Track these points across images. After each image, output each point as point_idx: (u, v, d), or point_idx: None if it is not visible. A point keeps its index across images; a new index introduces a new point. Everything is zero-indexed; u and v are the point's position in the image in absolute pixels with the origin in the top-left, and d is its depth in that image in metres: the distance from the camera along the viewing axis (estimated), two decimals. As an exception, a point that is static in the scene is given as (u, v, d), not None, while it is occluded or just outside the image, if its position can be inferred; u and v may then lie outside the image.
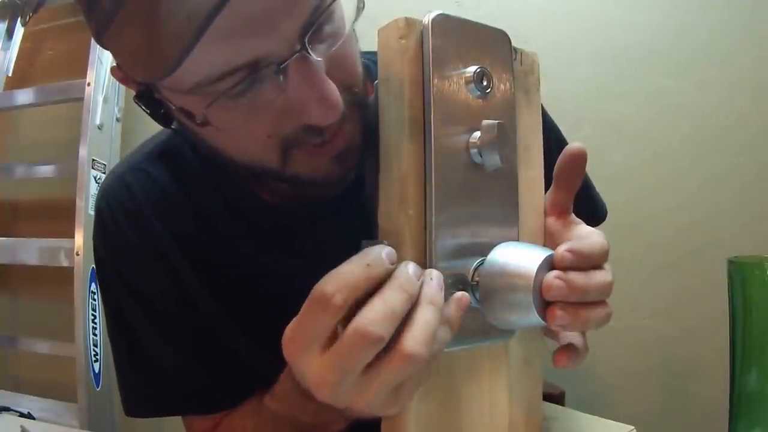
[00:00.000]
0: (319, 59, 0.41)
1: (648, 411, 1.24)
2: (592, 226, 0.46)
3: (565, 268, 0.38)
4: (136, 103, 0.46)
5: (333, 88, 0.42)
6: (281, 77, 0.40)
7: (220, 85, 0.40)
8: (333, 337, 0.33)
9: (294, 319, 0.34)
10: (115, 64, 0.46)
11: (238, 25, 0.38)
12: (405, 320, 0.33)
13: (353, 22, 0.44)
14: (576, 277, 0.38)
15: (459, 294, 0.37)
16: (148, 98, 0.46)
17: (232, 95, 0.41)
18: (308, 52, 0.40)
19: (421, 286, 0.35)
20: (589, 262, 0.39)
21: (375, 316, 0.32)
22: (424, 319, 0.33)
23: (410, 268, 0.35)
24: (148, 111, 0.47)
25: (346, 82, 0.45)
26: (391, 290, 0.33)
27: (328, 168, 0.47)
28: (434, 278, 0.36)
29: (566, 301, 0.38)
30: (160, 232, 0.58)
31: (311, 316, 0.33)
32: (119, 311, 0.61)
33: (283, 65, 0.40)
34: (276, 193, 0.57)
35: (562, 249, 0.39)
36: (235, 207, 0.59)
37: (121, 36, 0.40)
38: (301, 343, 0.33)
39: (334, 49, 0.43)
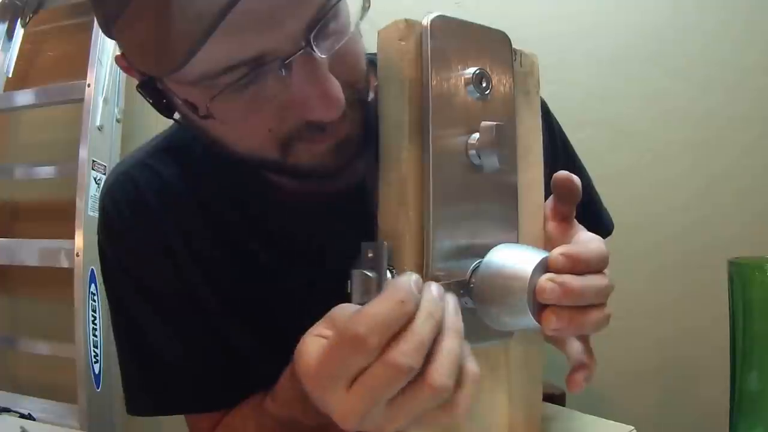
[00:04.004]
0: (323, 56, 0.41)
1: (648, 411, 1.24)
2: None
3: (559, 271, 0.38)
4: (139, 92, 0.46)
5: (335, 86, 0.42)
6: (285, 73, 0.41)
7: (225, 79, 0.40)
8: (361, 372, 0.32)
9: (318, 354, 0.33)
10: (119, 53, 0.47)
11: (245, 20, 0.38)
12: (431, 348, 0.32)
13: (358, 21, 0.45)
14: (570, 280, 0.37)
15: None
16: (151, 89, 0.46)
17: (235, 89, 0.41)
18: (313, 49, 0.40)
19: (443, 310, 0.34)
20: (586, 266, 0.38)
21: (406, 347, 0.31)
22: (448, 348, 0.32)
23: (434, 291, 0.34)
24: (151, 101, 0.47)
25: (349, 79, 0.45)
26: (420, 320, 0.32)
27: (326, 157, 0.47)
28: (451, 303, 0.35)
29: (561, 305, 0.37)
30: (166, 226, 0.58)
31: (341, 355, 0.32)
32: (124, 307, 0.61)
33: (288, 61, 0.40)
34: (283, 190, 0.57)
35: (556, 252, 0.38)
36: (242, 203, 0.59)
37: (129, 28, 0.41)
38: (328, 380, 0.32)
39: (338, 47, 0.43)
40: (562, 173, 0.46)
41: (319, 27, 0.41)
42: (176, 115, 0.49)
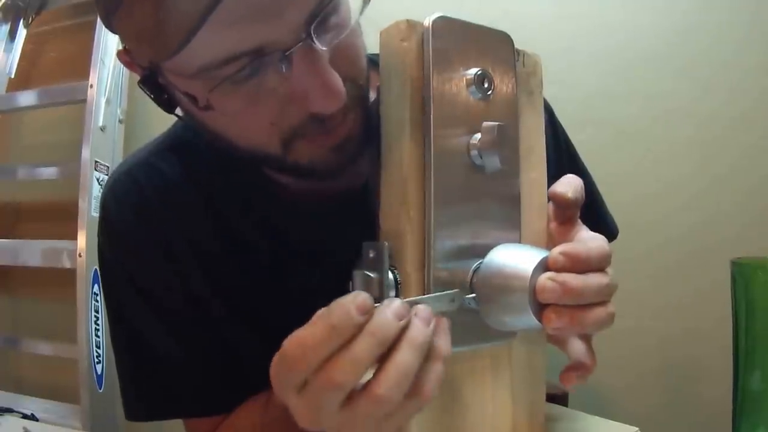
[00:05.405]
0: (324, 49, 0.41)
1: (651, 412, 1.24)
2: None
3: (559, 270, 0.38)
4: (141, 87, 0.47)
5: (336, 78, 0.42)
6: (285, 65, 0.41)
7: (225, 70, 0.41)
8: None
9: (274, 361, 0.34)
10: (121, 48, 0.47)
11: (245, 11, 0.38)
12: (385, 359, 0.33)
13: (359, 15, 0.45)
14: (570, 279, 0.37)
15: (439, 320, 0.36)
16: (153, 83, 0.46)
17: (235, 80, 0.41)
18: (313, 42, 0.41)
19: (407, 325, 0.33)
20: (586, 264, 0.38)
21: (338, 364, 0.32)
22: (399, 361, 0.32)
23: (390, 311, 0.33)
24: (152, 96, 0.47)
25: (350, 73, 0.45)
26: (360, 339, 0.32)
27: (327, 157, 0.48)
28: (419, 314, 0.34)
29: (561, 304, 0.37)
30: (167, 226, 0.58)
31: (282, 370, 0.33)
32: (122, 308, 0.61)
33: (288, 53, 0.40)
34: (286, 189, 0.57)
35: (556, 251, 0.38)
36: (244, 202, 0.59)
37: (129, 16, 0.41)
38: (279, 386, 0.34)
39: (338, 40, 0.43)
40: (556, 190, 0.45)
41: (319, 19, 0.41)
42: (178, 111, 0.49)
